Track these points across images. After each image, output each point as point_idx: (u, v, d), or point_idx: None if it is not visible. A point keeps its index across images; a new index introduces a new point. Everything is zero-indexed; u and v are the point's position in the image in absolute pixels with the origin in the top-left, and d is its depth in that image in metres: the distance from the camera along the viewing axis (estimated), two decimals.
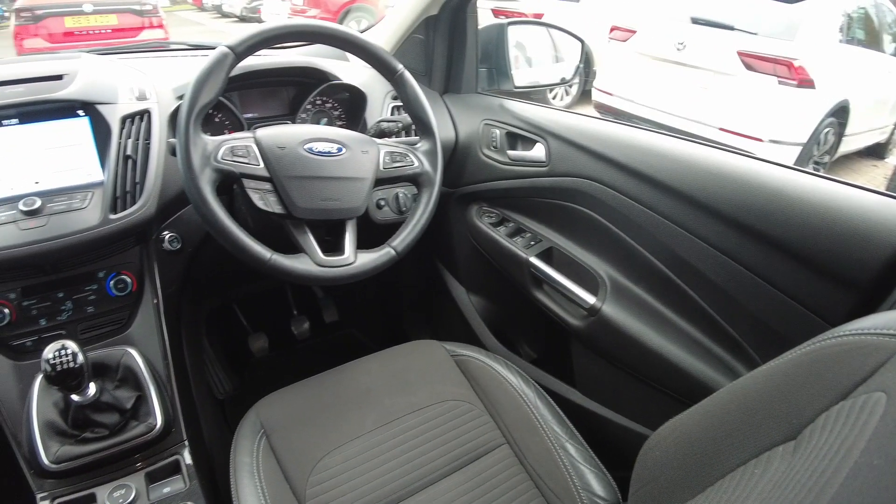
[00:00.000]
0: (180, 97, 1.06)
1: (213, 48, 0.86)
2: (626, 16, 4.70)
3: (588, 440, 0.96)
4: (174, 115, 1.05)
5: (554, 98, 5.55)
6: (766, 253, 0.84)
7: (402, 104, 1.21)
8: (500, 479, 0.91)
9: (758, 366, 0.56)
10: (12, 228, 0.87)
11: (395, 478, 0.89)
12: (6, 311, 0.91)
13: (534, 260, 1.17)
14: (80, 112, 0.96)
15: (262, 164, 0.86)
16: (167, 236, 1.03)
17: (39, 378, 0.88)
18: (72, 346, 0.78)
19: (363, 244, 0.95)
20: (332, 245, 0.93)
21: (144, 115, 1.00)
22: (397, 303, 1.81)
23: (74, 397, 0.85)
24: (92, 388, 0.85)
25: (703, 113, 4.09)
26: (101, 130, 0.96)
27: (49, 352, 0.76)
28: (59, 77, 0.97)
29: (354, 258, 0.91)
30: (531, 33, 1.60)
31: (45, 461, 0.83)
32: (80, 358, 0.78)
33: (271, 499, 0.84)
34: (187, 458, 0.93)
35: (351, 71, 1.30)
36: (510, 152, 1.23)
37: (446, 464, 0.92)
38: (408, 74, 0.99)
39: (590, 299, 1.07)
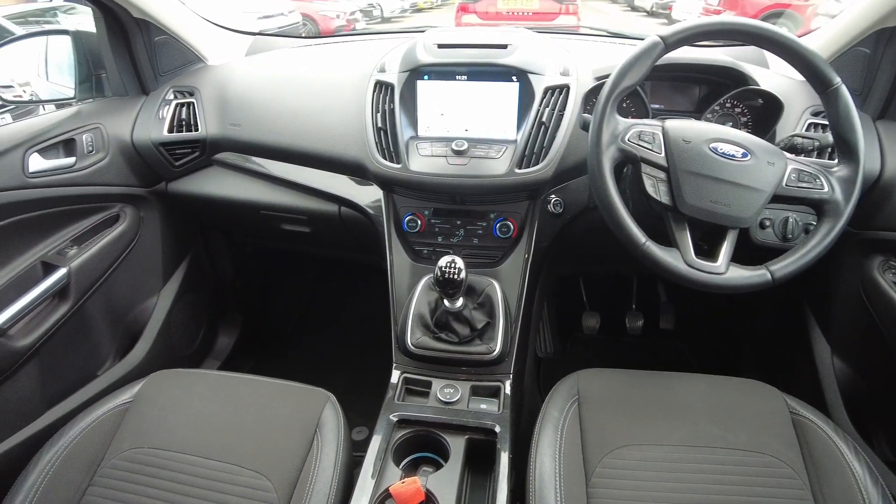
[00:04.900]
0: (598, 78, 1.16)
1: (634, 38, 0.90)
2: None
3: None
4: (589, 94, 1.14)
5: None
6: None
7: (826, 122, 1.08)
8: None
9: None
10: (443, 161, 1.10)
11: (681, 501, 0.85)
12: (419, 221, 1.17)
13: None
14: (514, 78, 1.12)
15: (663, 154, 0.88)
16: (553, 199, 1.16)
17: (425, 279, 1.12)
18: (460, 262, 0.97)
19: (732, 258, 0.89)
20: (704, 250, 0.90)
21: (564, 89, 1.12)
22: (741, 333, 1.66)
23: (445, 303, 1.05)
24: (460, 301, 1.04)
25: None
26: (525, 96, 1.11)
27: (443, 261, 0.96)
28: (504, 46, 1.14)
29: (725, 269, 0.87)
30: None
31: (409, 342, 1.07)
32: (463, 274, 0.96)
33: (564, 458, 0.90)
34: (507, 388, 1.06)
35: (770, 78, 1.20)
36: None
37: None
38: (844, 89, 0.87)
39: None
